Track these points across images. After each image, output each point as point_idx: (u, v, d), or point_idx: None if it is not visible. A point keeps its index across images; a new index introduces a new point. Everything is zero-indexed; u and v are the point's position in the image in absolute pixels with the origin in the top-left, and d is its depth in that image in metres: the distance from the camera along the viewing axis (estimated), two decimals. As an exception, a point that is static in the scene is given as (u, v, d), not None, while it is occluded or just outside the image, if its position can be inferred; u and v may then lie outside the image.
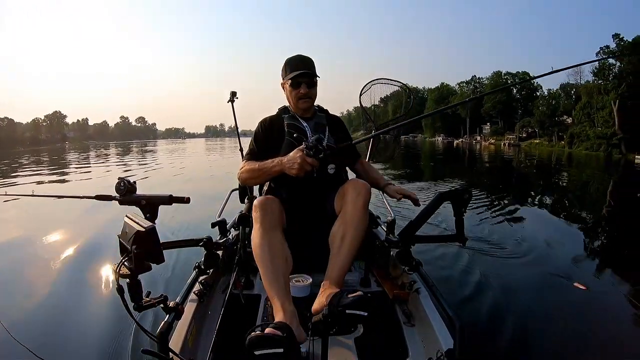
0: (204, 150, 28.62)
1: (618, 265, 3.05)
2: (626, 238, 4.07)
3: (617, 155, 21.93)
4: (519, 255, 3.10)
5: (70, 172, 12.62)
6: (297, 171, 1.25)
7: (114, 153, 26.97)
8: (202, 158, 19.95)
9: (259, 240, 1.22)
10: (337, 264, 1.23)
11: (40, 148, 44.79)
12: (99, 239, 3.50)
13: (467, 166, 15.51)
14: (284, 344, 0.88)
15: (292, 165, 1.25)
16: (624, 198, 7.33)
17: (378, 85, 2.30)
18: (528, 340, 1.85)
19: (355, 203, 1.29)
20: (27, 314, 2.10)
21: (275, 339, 0.88)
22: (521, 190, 7.98)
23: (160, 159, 19.03)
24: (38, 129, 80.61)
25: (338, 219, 1.32)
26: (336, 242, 1.26)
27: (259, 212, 1.26)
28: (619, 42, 23.80)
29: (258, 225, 1.25)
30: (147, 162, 16.60)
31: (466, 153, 25.58)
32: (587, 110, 26.70)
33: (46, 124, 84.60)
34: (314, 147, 1.21)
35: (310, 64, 1.49)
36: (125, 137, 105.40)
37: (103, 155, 23.15)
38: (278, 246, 1.22)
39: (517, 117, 40.88)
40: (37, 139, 71.76)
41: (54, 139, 76.57)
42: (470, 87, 52.99)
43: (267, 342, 0.88)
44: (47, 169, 14.39)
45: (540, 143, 34.43)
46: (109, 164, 16.29)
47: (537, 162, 17.86)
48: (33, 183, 8.88)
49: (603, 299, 2.39)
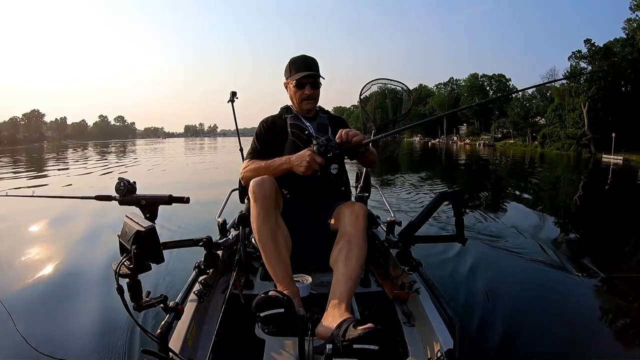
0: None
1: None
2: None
3: (586, 154, 22.78)
4: (518, 255, 3.11)
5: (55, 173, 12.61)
6: (305, 169, 1.26)
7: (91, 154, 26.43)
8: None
9: (259, 221, 1.23)
10: (342, 285, 1.15)
11: (18, 147, 44.34)
12: (99, 239, 3.51)
13: (444, 165, 15.81)
14: (284, 305, 0.97)
15: (300, 162, 1.26)
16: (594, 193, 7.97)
17: (378, 85, 2.30)
18: (528, 340, 1.86)
19: (354, 226, 1.25)
20: (27, 315, 2.10)
21: (278, 300, 0.98)
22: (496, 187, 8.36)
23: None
24: (16, 127, 78.31)
25: (339, 240, 1.27)
26: (339, 263, 1.21)
27: (256, 193, 1.25)
28: (590, 47, 24.49)
29: (257, 208, 1.24)
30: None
31: (442, 153, 26.31)
32: (559, 112, 27.63)
33: (24, 122, 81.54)
34: (324, 145, 1.23)
35: (315, 65, 1.50)
36: (104, 137, 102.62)
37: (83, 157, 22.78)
38: (278, 227, 1.24)
39: (494, 118, 41.52)
40: (15, 138, 70.04)
41: (31, 138, 74.60)
42: (447, 88, 53.69)
43: (271, 303, 0.97)
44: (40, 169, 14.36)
45: (514, 143, 35.29)
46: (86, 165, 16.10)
47: (511, 161, 18.59)
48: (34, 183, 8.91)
49: (605, 299, 2.40)
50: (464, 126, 48.34)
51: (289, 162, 1.31)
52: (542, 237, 3.72)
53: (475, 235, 3.59)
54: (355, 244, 1.22)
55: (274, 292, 1.00)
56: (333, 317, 1.04)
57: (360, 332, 0.91)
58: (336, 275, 1.19)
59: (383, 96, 2.38)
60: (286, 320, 0.97)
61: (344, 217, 1.29)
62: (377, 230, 1.80)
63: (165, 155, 22.92)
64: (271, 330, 0.98)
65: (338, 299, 1.11)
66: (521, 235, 3.73)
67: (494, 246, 3.36)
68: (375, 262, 1.65)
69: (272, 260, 1.21)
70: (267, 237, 1.22)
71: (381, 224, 1.82)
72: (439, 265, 2.70)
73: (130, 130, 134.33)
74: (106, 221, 3.90)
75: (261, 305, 0.97)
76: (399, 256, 1.50)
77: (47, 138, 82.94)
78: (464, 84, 49.69)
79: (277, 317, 0.97)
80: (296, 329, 0.99)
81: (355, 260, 1.20)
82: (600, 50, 24.41)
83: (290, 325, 0.98)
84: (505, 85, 46.20)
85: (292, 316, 0.97)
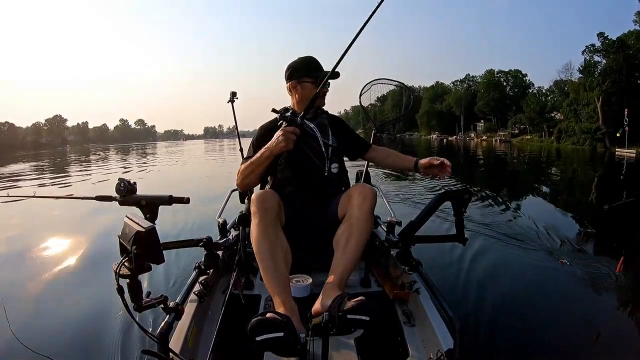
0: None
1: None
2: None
3: (601, 148, 22.83)
4: (519, 253, 3.10)
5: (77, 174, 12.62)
6: (285, 143, 1.28)
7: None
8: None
9: (258, 235, 1.22)
10: (341, 266, 1.21)
11: (42, 152, 44.79)
12: (99, 239, 3.51)
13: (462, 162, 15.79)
14: (284, 328, 0.90)
15: (278, 141, 1.29)
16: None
17: (378, 85, 2.30)
18: (528, 340, 1.85)
19: (361, 207, 1.29)
20: (28, 315, 2.10)
21: (276, 322, 0.91)
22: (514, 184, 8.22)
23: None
24: (39, 132, 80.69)
25: (343, 222, 1.31)
26: (340, 244, 1.26)
27: (258, 206, 1.25)
28: (604, 40, 24.26)
29: (257, 221, 1.24)
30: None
31: (460, 149, 26.16)
32: (574, 107, 27.58)
33: (47, 127, 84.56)
34: (283, 117, 1.33)
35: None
36: (125, 140, 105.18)
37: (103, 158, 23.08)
38: (277, 241, 1.22)
39: (511, 114, 41.49)
40: (39, 143, 71.66)
41: (54, 143, 76.57)
42: (464, 85, 53.69)
43: (268, 327, 0.90)
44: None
45: (531, 139, 35.36)
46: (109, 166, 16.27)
47: (528, 157, 18.51)
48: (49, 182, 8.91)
49: (608, 299, 2.39)
50: (481, 123, 48.50)
51: (268, 147, 1.33)
52: (546, 234, 3.67)
53: (477, 232, 3.58)
54: (357, 227, 1.26)
55: (271, 314, 0.94)
56: (329, 296, 1.09)
57: (353, 304, 0.98)
58: (336, 256, 1.25)
59: (400, 94, 2.41)
60: (285, 346, 0.92)
61: (354, 197, 1.32)
62: (377, 230, 1.80)
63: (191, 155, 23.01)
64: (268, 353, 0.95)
65: (335, 279, 1.18)
66: (524, 232, 3.70)
67: (496, 242, 3.35)
68: (375, 262, 1.65)
69: (270, 275, 1.17)
70: (265, 250, 1.19)
71: (381, 224, 1.82)
72: (439, 264, 2.70)
73: (151, 133, 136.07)
74: (106, 221, 3.91)
75: (257, 329, 0.89)
76: (399, 256, 1.50)
77: (70, 142, 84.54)
78: (481, 80, 49.58)
79: (275, 342, 0.90)
80: (296, 351, 0.95)
81: (355, 244, 1.24)
82: (613, 44, 24.17)
83: (290, 349, 0.93)
84: (522, 81, 45.99)
85: (292, 341, 0.92)
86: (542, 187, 7.90)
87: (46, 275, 2.75)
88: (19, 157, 30.38)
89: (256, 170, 1.39)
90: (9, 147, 53.38)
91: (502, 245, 3.34)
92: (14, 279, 2.73)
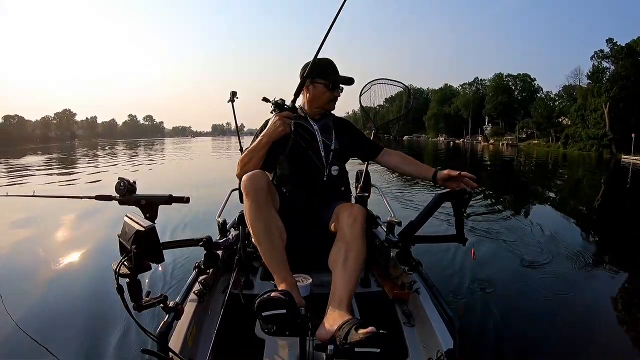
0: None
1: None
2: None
3: (607, 155, 22.66)
4: (520, 254, 3.10)
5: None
6: (282, 127, 1.33)
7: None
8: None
9: (252, 215, 1.24)
10: (341, 287, 1.16)
11: (50, 145, 44.81)
12: (99, 238, 3.51)
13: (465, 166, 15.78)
14: (286, 306, 0.98)
15: (275, 127, 1.34)
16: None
17: (378, 85, 2.29)
18: (528, 340, 1.85)
19: (352, 228, 1.25)
20: (27, 314, 2.10)
21: (280, 301, 0.98)
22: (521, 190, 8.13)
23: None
24: (48, 126, 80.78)
25: (337, 241, 1.28)
26: (338, 264, 1.22)
27: (249, 187, 1.25)
28: (612, 46, 24.18)
29: (249, 201, 1.24)
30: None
31: (467, 153, 26.07)
32: (581, 112, 27.44)
33: (56, 121, 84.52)
34: (274, 104, 1.37)
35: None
36: (133, 135, 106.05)
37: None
38: (271, 220, 1.25)
39: (519, 118, 41.39)
40: (47, 137, 71.80)
41: (63, 137, 76.77)
42: (472, 88, 53.45)
43: (273, 304, 0.98)
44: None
45: (538, 143, 35.17)
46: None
47: (534, 162, 18.45)
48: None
49: (608, 301, 2.39)
50: (489, 126, 48.37)
51: (265, 134, 1.36)
52: (547, 235, 3.69)
53: (477, 232, 3.58)
54: (353, 247, 1.22)
55: (275, 292, 1.01)
56: (334, 320, 1.05)
57: (362, 336, 0.92)
58: (335, 277, 1.20)
59: (408, 95, 2.40)
60: (288, 321, 0.98)
61: (342, 219, 1.29)
62: (377, 230, 1.80)
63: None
64: (272, 330, 0.99)
65: (337, 302, 1.12)
66: (525, 232, 3.72)
67: (496, 242, 3.36)
68: (375, 262, 1.65)
69: (268, 253, 1.22)
70: (260, 230, 1.22)
71: (381, 224, 1.82)
72: (439, 264, 2.70)
73: (159, 129, 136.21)
74: (106, 221, 3.91)
75: (263, 306, 0.99)
76: (399, 256, 1.50)
77: (78, 136, 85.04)
78: (489, 83, 49.39)
79: (278, 317, 0.98)
80: (297, 329, 1.00)
81: (353, 263, 1.20)
82: (622, 50, 24.01)
83: (292, 325, 1.00)
84: (531, 85, 45.90)
85: (293, 317, 0.99)
86: (546, 191, 7.92)
87: (46, 274, 2.75)
88: (27, 149, 30.34)
89: (254, 157, 1.40)
90: (18, 140, 53.35)
91: (502, 246, 3.35)
92: (13, 277, 2.73)
